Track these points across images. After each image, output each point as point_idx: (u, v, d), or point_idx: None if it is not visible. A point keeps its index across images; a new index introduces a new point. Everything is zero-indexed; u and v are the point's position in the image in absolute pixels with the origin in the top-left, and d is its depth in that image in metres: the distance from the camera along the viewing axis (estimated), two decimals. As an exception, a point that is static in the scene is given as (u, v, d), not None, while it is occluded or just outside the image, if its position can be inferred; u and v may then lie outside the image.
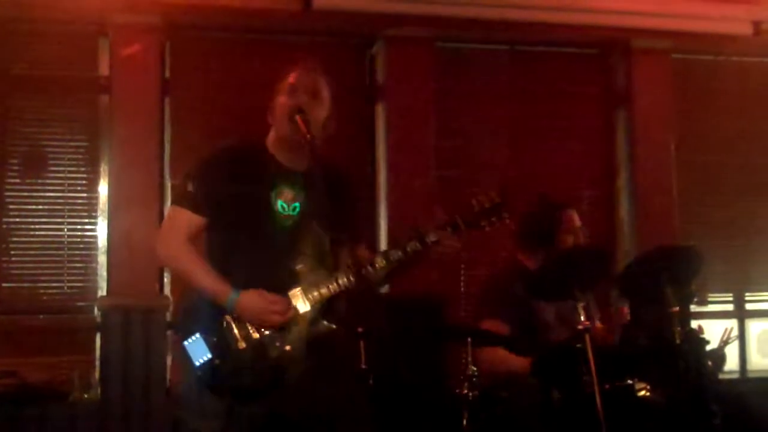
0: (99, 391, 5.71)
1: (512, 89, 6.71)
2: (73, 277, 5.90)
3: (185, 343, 3.24)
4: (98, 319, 5.81)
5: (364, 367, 4.74)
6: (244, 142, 3.54)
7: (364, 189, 6.31)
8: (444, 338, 5.23)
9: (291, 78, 3.43)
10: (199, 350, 3.22)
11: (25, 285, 5.86)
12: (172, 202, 3.43)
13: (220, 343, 3.23)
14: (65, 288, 5.90)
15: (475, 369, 4.21)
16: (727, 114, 6.98)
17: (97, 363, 5.79)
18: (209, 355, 3.21)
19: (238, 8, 5.90)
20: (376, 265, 3.31)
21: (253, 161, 3.42)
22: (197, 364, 3.21)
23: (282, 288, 3.29)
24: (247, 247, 3.33)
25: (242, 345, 3.24)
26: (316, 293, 3.29)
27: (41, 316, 5.83)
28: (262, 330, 3.26)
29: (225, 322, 3.25)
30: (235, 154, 3.45)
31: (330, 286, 3.29)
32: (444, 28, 6.37)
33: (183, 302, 3.36)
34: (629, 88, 6.79)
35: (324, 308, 3.32)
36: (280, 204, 3.37)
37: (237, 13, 5.94)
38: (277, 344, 3.25)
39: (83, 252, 5.92)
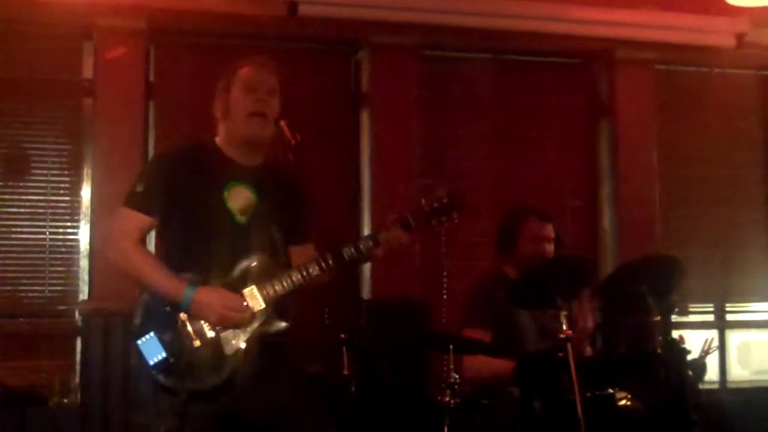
0: (79, 395, 5.67)
1: (496, 98, 6.71)
2: (54, 281, 5.86)
3: (138, 342, 3.19)
4: (79, 324, 5.77)
5: (346, 373, 4.74)
6: (194, 141, 3.52)
7: (348, 196, 6.31)
8: (426, 345, 5.23)
9: (245, 74, 3.43)
10: (153, 349, 3.18)
11: (6, 288, 5.81)
12: (123, 204, 3.36)
13: (174, 341, 3.20)
14: (46, 292, 5.86)
15: (456, 376, 4.22)
16: (710, 125, 7.00)
17: (78, 368, 5.76)
18: (164, 354, 3.18)
19: (224, 13, 5.91)
20: (329, 262, 3.30)
21: (204, 159, 3.39)
22: (151, 363, 3.17)
23: (236, 286, 3.27)
24: (201, 245, 3.30)
25: (197, 343, 3.20)
26: (270, 290, 3.27)
27: (22, 320, 5.80)
28: (217, 328, 3.22)
29: (179, 320, 3.22)
30: (184, 154, 3.44)
31: (284, 284, 3.28)
32: (429, 36, 6.38)
33: (137, 302, 3.31)
34: (612, 98, 6.81)
35: (277, 306, 3.31)
36: (232, 202, 3.34)
37: (222, 18, 5.94)
38: (233, 342, 3.23)
39: (65, 256, 5.88)
